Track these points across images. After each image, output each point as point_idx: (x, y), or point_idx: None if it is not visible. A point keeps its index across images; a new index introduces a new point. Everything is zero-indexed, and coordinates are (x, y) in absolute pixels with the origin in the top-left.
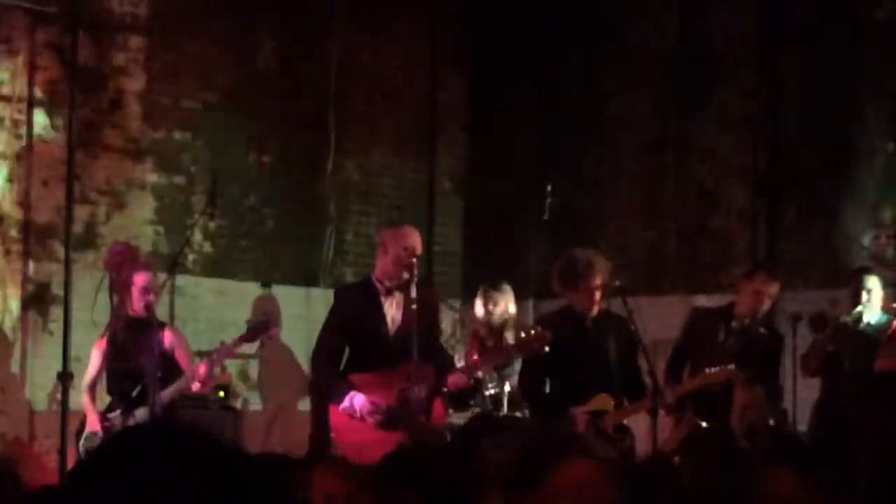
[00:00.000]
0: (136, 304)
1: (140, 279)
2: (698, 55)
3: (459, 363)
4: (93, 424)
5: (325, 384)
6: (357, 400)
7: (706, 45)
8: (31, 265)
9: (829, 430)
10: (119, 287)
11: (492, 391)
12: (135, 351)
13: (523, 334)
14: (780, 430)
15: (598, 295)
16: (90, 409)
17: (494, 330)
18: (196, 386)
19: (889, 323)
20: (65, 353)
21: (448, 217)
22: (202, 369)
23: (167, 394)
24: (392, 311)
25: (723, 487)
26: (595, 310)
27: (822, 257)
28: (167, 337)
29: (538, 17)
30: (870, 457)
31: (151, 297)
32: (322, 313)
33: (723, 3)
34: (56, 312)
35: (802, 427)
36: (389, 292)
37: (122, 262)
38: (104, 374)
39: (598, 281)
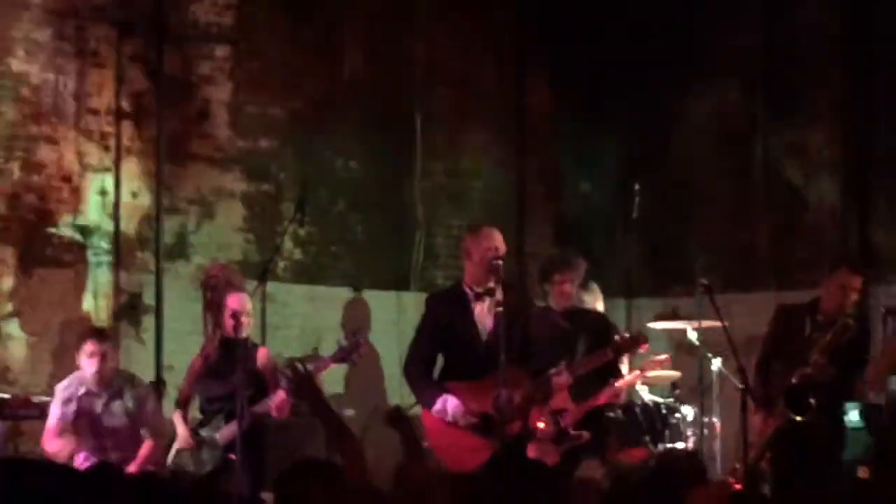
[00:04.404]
0: (228, 326)
1: (232, 302)
2: (784, 50)
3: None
4: (182, 441)
5: (417, 389)
6: (450, 403)
7: (792, 40)
8: (123, 275)
9: None
10: (213, 308)
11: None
12: (227, 371)
13: (618, 337)
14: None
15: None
16: (181, 426)
17: None
18: (275, 412)
19: None
20: (157, 361)
21: (538, 218)
22: (281, 396)
23: (255, 410)
24: (483, 317)
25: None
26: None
27: None
28: (260, 357)
29: (624, 16)
30: None
31: (244, 320)
32: (413, 317)
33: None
34: (148, 322)
35: None
36: (479, 297)
37: (217, 284)
38: (197, 393)
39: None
